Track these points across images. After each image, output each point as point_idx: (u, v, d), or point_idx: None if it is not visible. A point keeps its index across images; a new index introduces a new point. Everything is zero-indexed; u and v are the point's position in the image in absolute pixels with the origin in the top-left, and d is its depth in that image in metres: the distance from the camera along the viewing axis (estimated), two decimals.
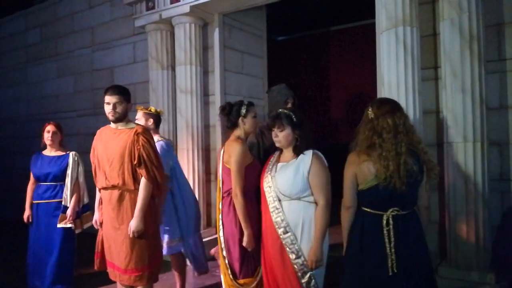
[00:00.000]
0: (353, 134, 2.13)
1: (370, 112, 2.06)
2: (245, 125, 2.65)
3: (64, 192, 3.55)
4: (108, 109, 2.68)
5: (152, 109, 3.42)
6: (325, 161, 2.33)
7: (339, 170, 2.15)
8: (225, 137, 4.77)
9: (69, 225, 3.51)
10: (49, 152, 3.64)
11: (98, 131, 2.86)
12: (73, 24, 6.28)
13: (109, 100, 2.67)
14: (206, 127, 4.78)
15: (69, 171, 3.55)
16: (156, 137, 3.21)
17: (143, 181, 2.64)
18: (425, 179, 2.07)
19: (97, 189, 2.89)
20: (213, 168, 4.81)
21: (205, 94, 4.79)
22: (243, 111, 2.64)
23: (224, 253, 2.61)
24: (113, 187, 2.68)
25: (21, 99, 7.19)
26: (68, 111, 6.32)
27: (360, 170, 2.01)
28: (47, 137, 3.56)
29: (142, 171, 2.64)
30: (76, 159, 3.60)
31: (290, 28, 8.45)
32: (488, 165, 3.01)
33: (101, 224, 2.84)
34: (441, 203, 3.27)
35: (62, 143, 3.69)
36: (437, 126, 3.35)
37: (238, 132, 2.67)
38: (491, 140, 3.08)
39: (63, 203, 3.53)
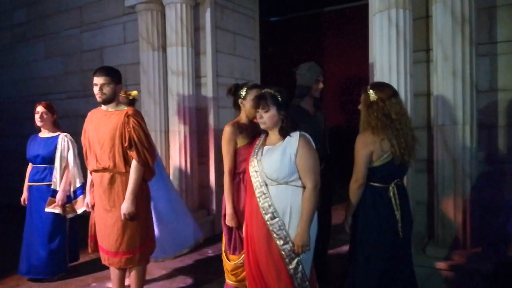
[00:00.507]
0: (348, 117, 2.25)
1: (372, 95, 2.24)
2: (245, 107, 2.64)
3: (53, 175, 3.47)
4: (95, 90, 2.66)
5: (132, 93, 3.47)
6: (313, 143, 2.27)
7: (334, 151, 2.20)
8: (217, 119, 4.77)
9: (57, 210, 3.42)
10: (42, 133, 3.57)
11: (89, 113, 2.84)
12: (61, 3, 6.14)
13: (97, 81, 2.65)
14: (198, 109, 4.76)
15: (57, 154, 3.46)
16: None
17: (134, 163, 2.63)
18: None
19: (88, 172, 2.89)
20: (205, 150, 4.81)
21: (197, 76, 4.75)
22: (243, 93, 2.61)
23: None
24: (104, 169, 2.67)
25: (9, 81, 7.07)
26: (58, 93, 6.23)
27: (377, 148, 2.21)
28: (37, 118, 3.49)
29: (133, 154, 2.63)
30: (66, 140, 3.49)
31: (283, 9, 8.34)
32: (477, 147, 3.05)
33: (93, 206, 2.84)
34: (429, 184, 3.32)
35: (56, 124, 3.59)
36: (428, 109, 3.37)
37: (241, 114, 2.69)
38: (480, 122, 3.12)
39: (52, 186, 3.45)
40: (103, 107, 2.74)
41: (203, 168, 4.82)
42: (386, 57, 3.12)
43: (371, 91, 2.25)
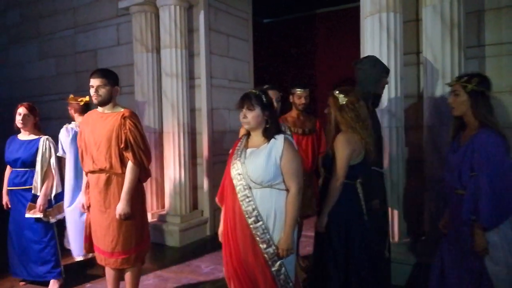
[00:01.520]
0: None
1: (342, 98, 2.40)
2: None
3: (34, 179, 3.32)
4: (91, 92, 2.69)
5: (84, 99, 3.61)
6: (296, 146, 2.28)
7: None
8: (211, 121, 4.80)
9: (38, 215, 3.28)
10: (22, 136, 3.43)
11: (85, 115, 2.87)
12: (54, 4, 6.14)
13: (93, 83, 2.68)
14: (192, 111, 4.79)
15: (39, 157, 3.31)
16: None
17: (129, 164, 2.66)
18: None
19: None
20: (199, 151, 4.84)
21: (191, 77, 4.78)
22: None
23: None
24: (101, 170, 2.70)
25: (2, 82, 7.04)
26: (51, 94, 6.23)
27: (358, 146, 2.38)
28: (18, 119, 3.34)
29: (128, 155, 2.66)
30: (47, 144, 3.36)
31: (276, 11, 8.39)
32: None
33: (88, 207, 2.86)
34: (420, 183, 3.38)
35: (37, 127, 3.45)
36: (417, 110, 3.43)
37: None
38: None
39: (33, 191, 3.30)
40: (100, 109, 2.76)
41: (197, 169, 4.86)
42: None
43: (340, 95, 2.40)
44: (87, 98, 3.50)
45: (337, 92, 2.43)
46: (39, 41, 6.41)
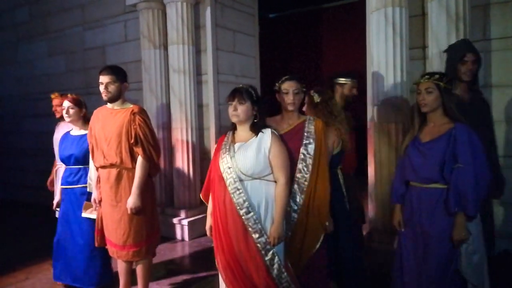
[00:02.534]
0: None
1: (316, 97, 2.70)
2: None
3: (88, 176, 3.13)
4: (101, 89, 2.75)
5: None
6: (281, 139, 2.37)
7: None
8: (218, 116, 4.85)
9: (94, 216, 3.04)
10: (74, 131, 3.31)
11: (95, 111, 2.93)
12: (62, 1, 6.20)
13: (102, 80, 2.74)
14: (199, 107, 4.85)
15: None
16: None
17: (139, 159, 2.73)
18: None
19: (93, 168, 2.97)
20: (206, 146, 4.90)
21: (198, 73, 4.83)
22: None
23: None
24: (111, 165, 2.76)
25: (11, 78, 7.15)
26: (60, 91, 6.25)
27: (334, 139, 2.65)
28: (64, 114, 3.21)
29: (138, 150, 2.72)
30: None
31: (282, 5, 8.39)
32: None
33: (100, 202, 2.93)
34: None
35: (86, 119, 3.22)
36: None
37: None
38: None
39: (88, 189, 3.12)
40: (109, 105, 2.83)
41: (205, 164, 4.92)
42: (383, 54, 3.20)
43: (315, 95, 2.70)
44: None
45: (313, 91, 2.74)
46: (48, 38, 6.49)
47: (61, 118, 3.58)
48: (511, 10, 3.12)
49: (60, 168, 3.51)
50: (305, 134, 2.47)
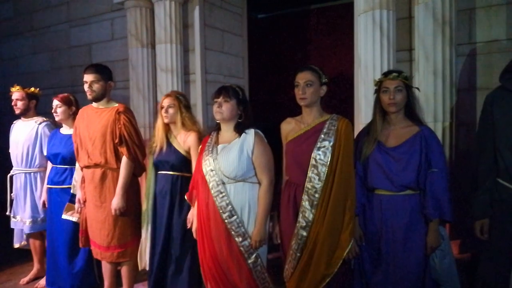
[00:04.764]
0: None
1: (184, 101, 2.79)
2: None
3: (73, 177, 3.09)
4: (85, 87, 2.71)
5: (34, 90, 3.54)
6: (265, 140, 2.31)
7: None
8: (206, 116, 4.83)
9: (74, 219, 3.03)
10: (64, 130, 3.27)
11: (80, 110, 2.89)
12: None
13: (86, 78, 2.70)
14: None
15: None
16: (39, 119, 3.44)
17: (124, 159, 2.70)
18: None
19: (78, 168, 2.93)
20: None
21: (186, 73, 4.79)
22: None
23: None
24: (96, 165, 2.73)
25: None
26: (45, 88, 6.19)
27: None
28: (53, 112, 3.21)
29: (123, 150, 2.69)
30: None
31: (270, 6, 8.39)
32: (456, 144, 3.18)
33: (84, 202, 2.89)
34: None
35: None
36: None
37: None
38: (459, 120, 3.24)
39: (71, 190, 3.08)
40: (94, 104, 2.79)
41: None
42: (371, 56, 3.22)
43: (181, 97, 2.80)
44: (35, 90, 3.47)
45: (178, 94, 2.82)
46: (33, 35, 6.38)
47: (21, 115, 3.53)
48: (495, 14, 3.17)
49: (17, 174, 3.48)
50: (322, 135, 2.13)
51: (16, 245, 3.61)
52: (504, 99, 2.19)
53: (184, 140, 2.68)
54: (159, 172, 2.78)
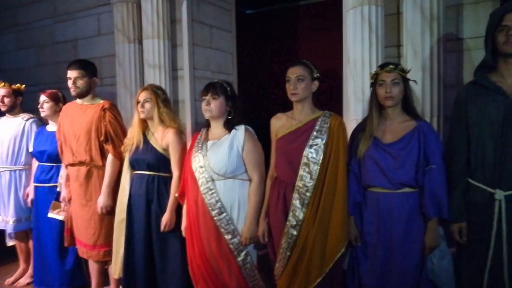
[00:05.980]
0: None
1: (161, 96, 2.75)
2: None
3: (59, 175, 3.07)
4: (69, 84, 2.67)
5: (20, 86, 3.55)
6: (256, 136, 2.28)
7: None
8: (194, 112, 4.78)
9: (61, 217, 2.99)
10: (50, 127, 3.23)
11: (64, 107, 2.84)
12: None
13: (70, 74, 2.66)
14: (175, 102, 4.74)
15: None
16: (26, 115, 3.41)
17: (110, 157, 2.66)
18: None
19: (63, 165, 2.88)
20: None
21: (174, 68, 4.74)
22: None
23: None
24: (81, 163, 2.68)
25: None
26: (30, 85, 6.07)
27: None
28: (39, 108, 3.18)
29: (109, 147, 2.65)
30: None
31: (259, 1, 8.36)
32: (443, 138, 3.19)
33: (69, 200, 2.85)
34: None
35: None
36: None
37: None
38: (446, 115, 3.25)
39: (58, 188, 3.06)
40: (78, 100, 2.74)
41: None
42: (359, 52, 3.20)
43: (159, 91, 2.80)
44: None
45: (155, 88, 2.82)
46: (17, 30, 6.25)
47: (7, 112, 3.51)
48: (482, 10, 3.18)
49: (1, 172, 3.41)
50: (314, 133, 2.10)
51: (10, 243, 3.54)
52: (478, 95, 2.12)
53: (162, 137, 2.55)
54: (135, 172, 2.62)
